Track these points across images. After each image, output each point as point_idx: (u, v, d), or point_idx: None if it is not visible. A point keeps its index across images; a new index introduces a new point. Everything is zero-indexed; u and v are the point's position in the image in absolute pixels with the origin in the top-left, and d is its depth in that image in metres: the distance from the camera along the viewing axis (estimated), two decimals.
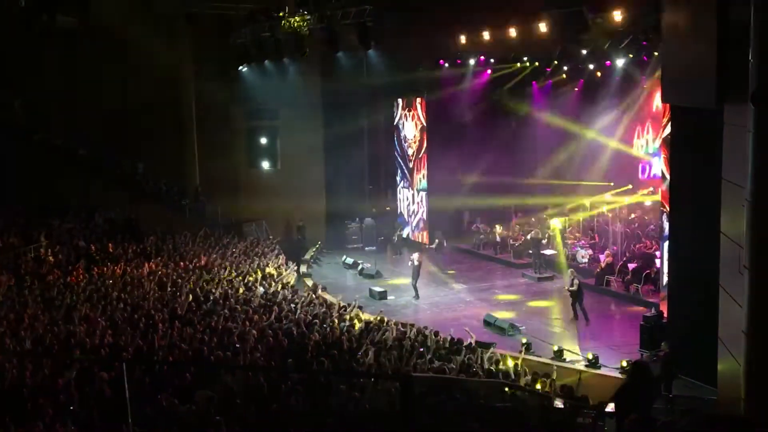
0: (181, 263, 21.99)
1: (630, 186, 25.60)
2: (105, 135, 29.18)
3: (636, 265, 22.33)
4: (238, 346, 13.99)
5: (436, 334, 16.51)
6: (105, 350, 13.51)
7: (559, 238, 25.32)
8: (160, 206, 29.38)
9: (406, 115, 31.15)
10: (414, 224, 31.14)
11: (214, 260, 22.82)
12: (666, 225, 18.27)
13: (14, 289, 18.24)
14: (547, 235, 26.07)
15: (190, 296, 18.11)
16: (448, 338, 16.24)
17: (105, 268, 20.66)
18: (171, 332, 14.71)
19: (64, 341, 14.07)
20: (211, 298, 18.12)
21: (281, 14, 24.38)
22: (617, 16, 19.10)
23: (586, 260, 24.78)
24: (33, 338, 14.25)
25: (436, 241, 23.60)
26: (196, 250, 24.10)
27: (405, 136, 31.33)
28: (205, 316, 16.43)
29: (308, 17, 24.07)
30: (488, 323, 19.89)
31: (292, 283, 22.92)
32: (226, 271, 21.44)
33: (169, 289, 18.87)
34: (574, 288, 20.24)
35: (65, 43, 28.60)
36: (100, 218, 27.17)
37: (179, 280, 19.74)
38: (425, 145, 29.95)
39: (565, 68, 25.00)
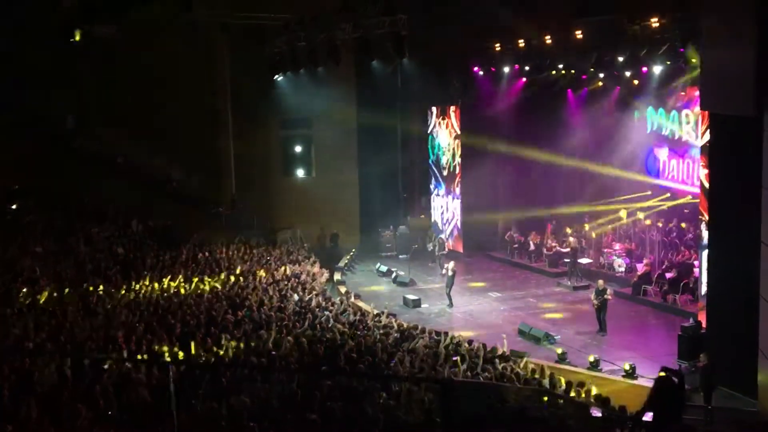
0: (217, 270, 22.19)
1: (668, 194, 25.30)
2: (142, 143, 29.60)
3: (674, 274, 22.03)
4: (273, 353, 14.07)
5: (470, 342, 16.44)
6: (143, 356, 13.68)
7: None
8: (196, 214, 29.70)
9: (440, 123, 31.13)
10: (448, 233, 31.06)
11: (250, 267, 22.98)
12: (705, 234, 18.03)
13: (54, 296, 18.55)
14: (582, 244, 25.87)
15: (226, 303, 18.26)
16: (482, 347, 16.17)
17: (142, 275, 20.90)
18: (207, 338, 14.84)
19: (103, 347, 14.27)
20: (247, 304, 18.24)
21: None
22: (654, 22, 18.93)
23: (622, 269, 24.53)
24: (73, 344, 14.47)
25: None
26: (231, 257, 24.29)
27: (439, 144, 31.31)
28: (240, 322, 16.55)
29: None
30: (523, 332, 19.76)
31: (326, 290, 22.99)
32: (261, 279, 21.58)
33: (205, 295, 19.04)
34: (609, 298, 20.05)
35: (103, 52, 29.09)
36: (137, 226, 27.55)
37: (215, 287, 19.92)
38: (459, 153, 29.90)
39: (601, 75, 24.82)
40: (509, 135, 28.68)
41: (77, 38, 27.93)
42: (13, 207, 28.37)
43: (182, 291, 19.33)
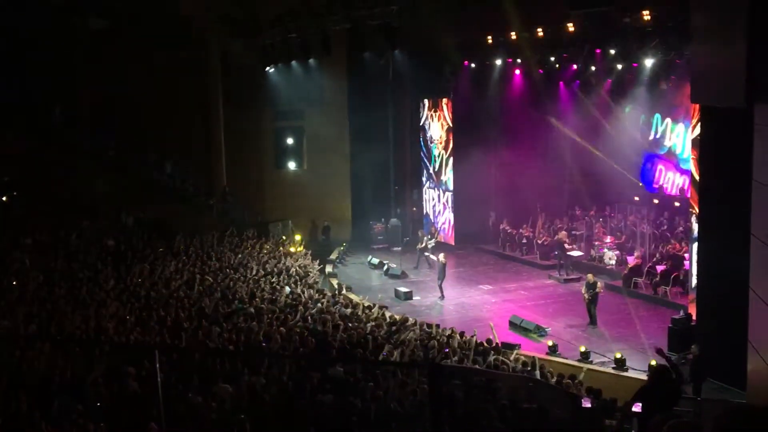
0: (209, 262, 22.14)
1: (656, 201, 25.44)
2: (133, 136, 29.46)
3: (664, 267, 22.10)
4: (264, 345, 14.06)
5: (462, 334, 16.47)
6: (133, 348, 13.63)
7: None
8: (187, 206, 29.61)
9: (431, 115, 31.11)
10: (439, 225, 31.07)
11: (241, 260, 22.95)
12: (695, 226, 18.08)
13: (44, 287, 18.47)
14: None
15: (217, 295, 18.23)
16: (474, 339, 16.20)
17: (133, 267, 20.83)
18: (198, 331, 14.82)
19: (93, 338, 14.22)
20: (238, 296, 18.22)
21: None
22: (646, 15, 18.93)
23: (613, 262, 24.59)
24: (63, 335, 14.42)
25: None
26: (223, 249, 24.25)
27: (431, 137, 31.29)
28: (231, 315, 16.54)
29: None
30: (514, 324, 19.80)
31: (318, 283, 22.98)
32: (253, 271, 21.55)
33: (196, 287, 19.01)
34: (600, 291, 20.10)
35: (93, 44, 28.92)
36: (128, 218, 27.43)
37: (206, 279, 19.88)
38: (451, 145, 29.89)
39: (593, 68, 24.80)
40: (501, 127, 28.73)
41: (68, 31, 27.76)
42: (3, 199, 28.21)
43: (173, 283, 19.28)
